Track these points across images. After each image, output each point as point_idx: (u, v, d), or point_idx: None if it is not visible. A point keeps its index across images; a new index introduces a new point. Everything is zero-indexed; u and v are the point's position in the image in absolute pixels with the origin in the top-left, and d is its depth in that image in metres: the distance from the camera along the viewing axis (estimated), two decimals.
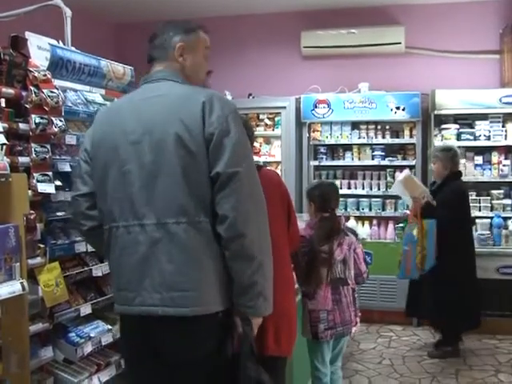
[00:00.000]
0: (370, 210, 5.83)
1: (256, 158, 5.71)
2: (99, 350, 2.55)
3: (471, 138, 5.52)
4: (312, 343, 3.20)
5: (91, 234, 2.08)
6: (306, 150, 5.90)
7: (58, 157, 2.51)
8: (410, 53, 5.99)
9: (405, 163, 5.70)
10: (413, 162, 5.63)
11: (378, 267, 5.22)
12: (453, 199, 4.54)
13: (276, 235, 2.54)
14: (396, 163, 5.76)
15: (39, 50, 2.59)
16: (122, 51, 6.15)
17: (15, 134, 2.35)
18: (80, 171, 2.06)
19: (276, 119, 6.03)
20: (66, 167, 2.50)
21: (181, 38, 2.02)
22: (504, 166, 5.44)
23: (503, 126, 5.49)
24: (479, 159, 5.55)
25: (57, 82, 2.55)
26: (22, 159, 2.33)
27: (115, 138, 1.93)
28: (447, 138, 5.52)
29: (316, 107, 5.79)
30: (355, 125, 5.90)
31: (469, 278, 4.61)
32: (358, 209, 5.84)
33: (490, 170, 5.51)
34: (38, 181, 2.32)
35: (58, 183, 2.47)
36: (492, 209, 5.47)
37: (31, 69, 2.41)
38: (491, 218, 5.42)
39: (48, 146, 2.39)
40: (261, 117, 6.09)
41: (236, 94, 6.00)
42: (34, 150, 2.33)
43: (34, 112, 2.35)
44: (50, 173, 2.38)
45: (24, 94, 2.38)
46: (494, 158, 5.51)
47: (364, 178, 5.90)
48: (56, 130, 2.40)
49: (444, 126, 5.59)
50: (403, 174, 4.66)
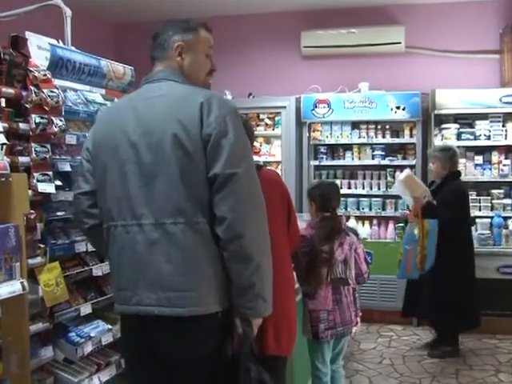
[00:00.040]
0: (370, 209, 5.83)
1: (256, 158, 5.71)
2: (99, 350, 2.55)
3: (471, 137, 5.52)
4: (312, 343, 3.20)
5: (92, 233, 2.08)
6: (306, 149, 5.90)
7: (58, 156, 2.51)
8: (410, 52, 5.99)
9: (405, 163, 5.70)
10: (413, 162, 5.63)
11: (378, 267, 5.21)
12: (453, 199, 4.53)
13: (276, 235, 2.54)
14: (396, 163, 5.76)
15: (39, 49, 2.59)
16: (122, 51, 6.15)
17: (15, 134, 2.35)
18: (82, 169, 2.06)
19: (276, 119, 6.03)
20: (66, 167, 2.50)
21: (180, 38, 2.01)
22: (504, 165, 5.44)
23: (503, 126, 5.49)
24: (479, 159, 5.55)
25: (57, 82, 2.55)
26: (22, 159, 2.33)
27: (115, 138, 1.93)
28: (447, 137, 5.52)
29: (316, 107, 5.79)
30: (355, 124, 5.89)
31: (468, 277, 4.61)
32: (358, 208, 5.84)
33: (490, 169, 5.51)
34: (38, 180, 2.32)
35: (58, 183, 2.47)
36: (492, 208, 5.47)
37: (31, 68, 2.41)
38: (491, 217, 5.42)
39: (48, 146, 2.39)
40: (261, 116, 6.09)
41: (236, 93, 6.00)
42: (34, 150, 2.33)
43: (34, 112, 2.35)
44: (50, 172, 2.38)
45: (24, 93, 2.38)
46: (494, 157, 5.51)
47: (364, 178, 5.90)
48: (56, 129, 2.40)
49: (444, 126, 5.59)
50: (404, 173, 4.64)
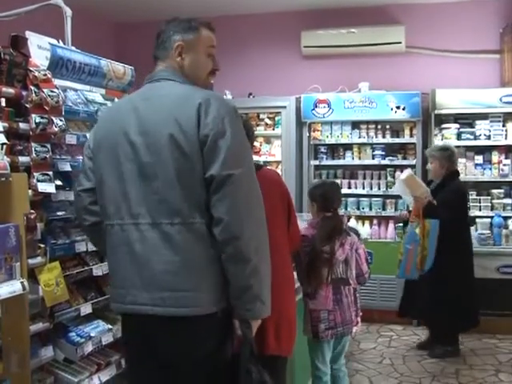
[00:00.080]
0: (371, 209, 5.83)
1: (256, 158, 5.71)
2: (99, 350, 2.55)
3: (471, 137, 5.52)
4: (312, 342, 3.20)
5: (93, 230, 2.09)
6: (307, 149, 5.90)
7: (58, 156, 2.51)
8: (410, 52, 5.98)
9: (405, 163, 5.70)
10: (413, 162, 5.62)
11: (378, 267, 5.21)
12: (453, 199, 4.52)
13: (276, 235, 2.54)
14: (396, 163, 5.76)
15: (39, 49, 2.59)
16: (123, 51, 6.15)
17: (15, 134, 2.35)
18: (84, 167, 2.08)
19: (276, 119, 6.03)
20: (67, 167, 2.50)
21: (180, 38, 2.00)
22: (504, 165, 5.44)
23: (503, 126, 5.49)
24: (479, 159, 5.55)
25: (57, 82, 2.55)
26: (23, 159, 2.33)
27: (115, 137, 1.94)
28: (447, 137, 5.52)
29: (316, 107, 5.79)
30: (355, 124, 5.89)
31: (467, 277, 4.60)
32: (358, 208, 5.84)
33: (491, 169, 5.51)
34: (39, 180, 2.31)
35: (59, 183, 2.46)
36: (492, 208, 5.47)
37: (31, 68, 2.41)
38: (491, 217, 5.42)
39: (48, 146, 2.39)
40: (261, 116, 6.09)
41: (236, 93, 6.00)
42: (35, 150, 2.33)
43: (34, 111, 2.35)
44: (51, 172, 2.38)
45: (24, 93, 2.38)
46: (495, 157, 5.50)
47: (364, 178, 5.89)
48: (56, 129, 2.39)
49: (444, 126, 5.59)
50: (405, 173, 4.62)
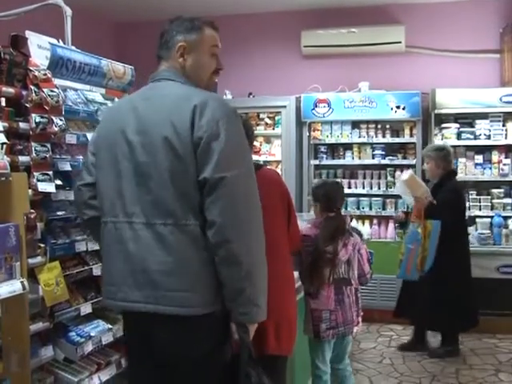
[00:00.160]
0: (371, 209, 5.83)
1: (256, 157, 5.71)
2: (99, 350, 2.54)
3: (471, 137, 5.52)
4: (313, 342, 3.20)
5: (92, 224, 2.10)
6: (307, 149, 5.90)
7: (58, 156, 2.50)
8: (410, 52, 5.98)
9: (405, 162, 5.71)
10: (413, 162, 5.63)
11: (379, 267, 5.18)
12: (453, 199, 4.52)
13: (276, 235, 2.55)
14: (396, 162, 5.77)
15: (39, 49, 2.59)
16: (123, 50, 6.15)
17: (15, 133, 2.34)
18: (87, 161, 2.10)
19: (276, 118, 6.03)
20: (67, 166, 2.50)
21: (182, 38, 2.00)
22: (504, 165, 5.44)
23: (503, 125, 5.49)
24: (479, 158, 5.55)
25: (57, 81, 2.54)
26: (23, 158, 2.32)
27: (114, 136, 1.95)
28: (447, 137, 5.53)
29: (316, 106, 5.79)
30: (355, 124, 5.89)
31: (466, 277, 4.60)
32: (358, 208, 5.84)
33: (491, 169, 5.51)
34: (39, 180, 2.31)
35: (59, 182, 2.46)
36: (492, 208, 5.47)
37: (31, 68, 2.41)
38: (491, 217, 5.42)
39: (48, 145, 2.38)
40: (261, 116, 6.09)
41: (236, 93, 6.00)
42: (35, 149, 2.33)
43: (34, 111, 2.35)
44: (51, 172, 2.37)
45: (24, 93, 2.38)
46: (495, 157, 5.50)
47: (364, 178, 5.90)
48: (56, 129, 2.39)
49: (444, 125, 5.59)
50: (407, 173, 4.60)
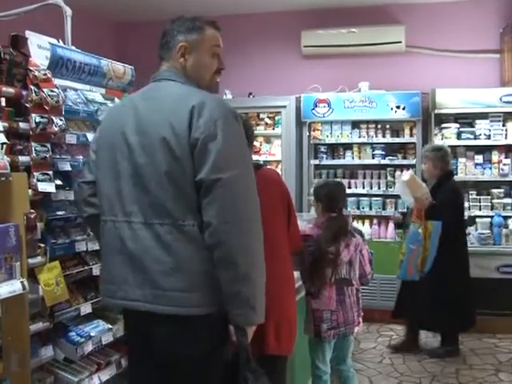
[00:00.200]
0: (371, 209, 5.83)
1: (256, 157, 5.70)
2: (99, 350, 2.54)
3: (471, 137, 5.52)
4: (314, 342, 3.20)
5: (92, 221, 2.11)
6: (307, 149, 5.90)
7: (58, 156, 2.50)
8: (410, 52, 5.98)
9: (405, 162, 5.71)
10: (413, 161, 5.62)
11: (379, 267, 5.17)
12: (452, 199, 4.52)
13: (276, 235, 2.55)
14: (396, 162, 5.76)
15: (39, 49, 2.59)
16: (123, 50, 6.15)
17: (15, 133, 2.34)
18: (88, 159, 2.11)
19: (276, 118, 6.03)
20: (67, 166, 2.50)
21: (183, 38, 2.00)
22: (504, 165, 5.44)
23: (503, 125, 5.49)
24: (479, 158, 5.55)
25: (57, 81, 2.54)
26: (23, 158, 2.32)
27: (114, 135, 1.95)
28: (447, 137, 5.53)
29: (316, 106, 5.79)
30: (355, 124, 5.89)
31: (465, 277, 4.61)
32: (358, 208, 5.83)
33: (491, 169, 5.51)
34: (39, 180, 2.31)
35: (59, 182, 2.46)
36: (492, 208, 5.47)
37: (31, 68, 2.41)
38: (491, 217, 5.42)
39: (48, 145, 2.38)
40: (261, 116, 6.09)
41: (236, 93, 6.00)
42: (35, 149, 2.33)
43: (34, 111, 2.35)
44: (51, 172, 2.37)
45: (24, 93, 2.38)
46: (495, 157, 5.50)
47: (364, 177, 5.89)
48: (56, 129, 2.39)
49: (444, 125, 5.59)
50: (407, 174, 4.58)
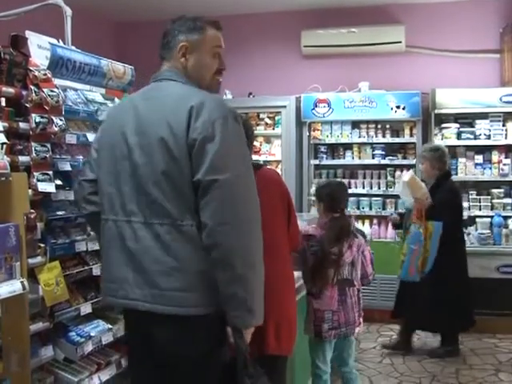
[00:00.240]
0: (371, 209, 5.83)
1: (256, 157, 5.70)
2: (99, 350, 2.54)
3: (471, 137, 5.52)
4: (314, 342, 3.20)
5: (92, 219, 2.11)
6: (307, 149, 5.90)
7: (58, 156, 2.50)
8: (410, 52, 5.98)
9: (405, 162, 5.72)
10: (413, 161, 5.62)
11: (379, 266, 5.16)
12: (451, 199, 4.52)
13: (276, 235, 2.55)
14: (396, 162, 5.77)
15: (39, 49, 2.59)
16: (123, 50, 6.15)
17: (15, 133, 2.34)
18: (90, 158, 2.12)
19: (276, 118, 6.03)
20: (67, 166, 2.50)
21: (184, 38, 1.99)
22: (504, 165, 5.44)
23: (503, 125, 5.49)
24: (479, 158, 5.55)
25: (57, 81, 2.54)
26: (23, 158, 2.32)
27: (114, 135, 1.96)
28: (447, 137, 5.53)
29: (316, 106, 5.79)
30: (355, 124, 5.89)
31: (464, 277, 4.61)
32: (358, 208, 5.83)
33: (491, 169, 5.51)
34: (39, 180, 2.31)
35: (59, 182, 2.46)
36: (492, 208, 5.47)
37: (31, 68, 2.41)
38: (491, 217, 5.42)
39: (48, 145, 2.38)
40: (261, 116, 6.09)
41: (236, 93, 6.00)
42: (35, 149, 2.33)
43: (34, 111, 2.35)
44: (51, 172, 2.37)
45: (24, 93, 2.37)
46: (495, 157, 5.51)
47: (364, 177, 5.90)
48: (56, 129, 2.39)
49: (444, 125, 5.59)
50: (408, 174, 4.58)
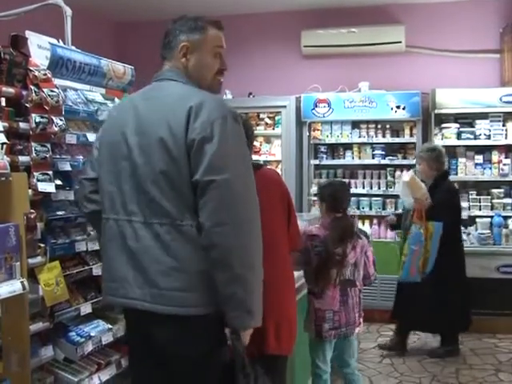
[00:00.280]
0: (371, 209, 5.83)
1: (256, 157, 5.71)
2: (99, 350, 2.54)
3: (471, 137, 5.52)
4: (314, 341, 3.20)
5: (93, 218, 2.12)
6: (307, 149, 5.90)
7: (58, 156, 2.50)
8: (410, 52, 5.99)
9: (405, 162, 5.72)
10: (413, 161, 5.59)
11: (379, 267, 5.16)
12: (449, 199, 4.52)
13: (276, 235, 2.55)
14: (396, 162, 5.77)
15: (39, 49, 2.58)
16: (123, 50, 6.15)
17: (15, 133, 2.34)
18: (91, 156, 2.12)
19: (276, 118, 6.03)
20: (67, 166, 2.50)
21: (185, 38, 1.99)
22: (504, 165, 5.45)
23: (503, 125, 5.49)
24: (479, 158, 5.56)
25: (57, 81, 2.54)
26: (23, 158, 2.32)
27: (114, 135, 1.96)
28: (447, 137, 5.53)
29: (316, 106, 5.79)
30: (355, 124, 5.89)
31: (463, 277, 4.61)
32: (358, 208, 5.83)
33: (491, 169, 5.52)
34: (39, 180, 2.31)
35: (59, 182, 2.46)
36: (492, 208, 5.48)
37: (31, 68, 2.41)
38: (491, 217, 5.42)
39: (48, 145, 2.38)
40: (261, 116, 6.09)
41: (236, 93, 6.00)
42: (35, 149, 2.33)
43: (34, 111, 2.35)
44: (51, 172, 2.37)
45: (24, 93, 2.37)
46: (495, 157, 5.51)
47: (364, 177, 5.90)
48: (56, 129, 2.39)
49: (444, 125, 5.59)
50: (408, 174, 4.56)
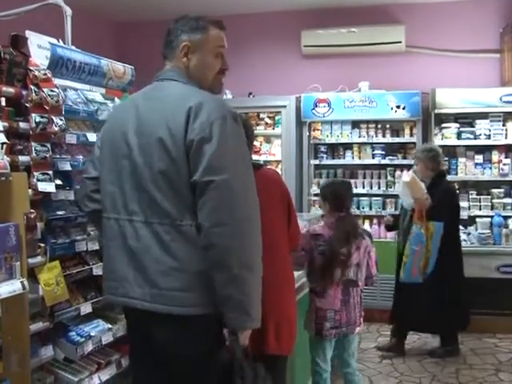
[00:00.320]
0: (371, 208, 5.83)
1: (256, 157, 5.71)
2: (99, 349, 2.54)
3: (471, 136, 5.52)
4: (314, 340, 3.21)
5: (94, 216, 2.13)
6: (307, 148, 5.90)
7: (58, 156, 2.50)
8: (410, 52, 5.99)
9: (405, 162, 5.72)
10: (413, 161, 5.61)
11: (379, 266, 5.19)
12: (448, 199, 4.52)
13: (276, 235, 2.55)
14: (396, 162, 5.78)
15: (39, 48, 2.59)
16: (123, 50, 6.15)
17: (15, 133, 2.34)
18: (93, 156, 2.13)
19: (276, 118, 6.04)
20: (67, 166, 2.50)
21: (186, 38, 1.99)
22: (504, 164, 5.45)
23: (503, 125, 5.50)
24: (479, 158, 5.56)
25: (57, 81, 2.54)
26: (23, 158, 2.32)
27: (115, 134, 1.97)
28: (447, 136, 5.53)
29: (316, 106, 5.79)
30: (355, 124, 5.90)
31: (462, 277, 4.61)
32: (358, 208, 5.83)
33: (491, 168, 5.52)
34: (39, 180, 2.31)
35: (59, 182, 2.46)
36: (492, 208, 5.48)
37: (31, 68, 2.41)
38: (491, 216, 5.43)
39: (48, 145, 2.38)
40: (261, 116, 6.10)
41: (236, 92, 6.00)
42: (35, 149, 2.33)
43: (34, 111, 2.35)
44: (51, 172, 2.37)
45: (24, 92, 2.37)
46: (495, 156, 5.51)
47: (364, 177, 5.90)
48: (56, 129, 2.39)
49: (444, 125, 5.60)
50: (408, 174, 4.54)
